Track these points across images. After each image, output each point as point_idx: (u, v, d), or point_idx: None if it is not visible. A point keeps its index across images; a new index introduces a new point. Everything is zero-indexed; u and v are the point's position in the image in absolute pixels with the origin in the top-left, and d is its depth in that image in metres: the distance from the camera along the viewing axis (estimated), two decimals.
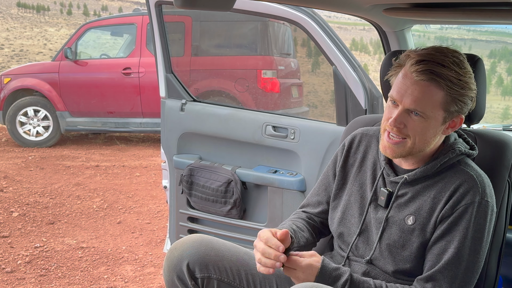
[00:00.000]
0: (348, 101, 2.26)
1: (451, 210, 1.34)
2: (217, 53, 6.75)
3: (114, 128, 7.11)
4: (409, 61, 1.33)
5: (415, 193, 1.41)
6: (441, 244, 1.34)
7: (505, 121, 23.36)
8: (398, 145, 1.36)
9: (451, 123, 1.38)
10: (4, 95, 7.10)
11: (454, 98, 1.31)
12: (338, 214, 1.55)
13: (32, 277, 3.12)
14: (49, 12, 48.20)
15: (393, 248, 1.40)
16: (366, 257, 1.46)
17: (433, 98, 1.30)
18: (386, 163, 1.48)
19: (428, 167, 1.39)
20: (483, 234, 1.33)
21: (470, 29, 41.29)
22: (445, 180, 1.38)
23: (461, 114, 1.37)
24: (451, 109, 1.33)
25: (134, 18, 7.16)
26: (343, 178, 1.58)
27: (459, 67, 1.31)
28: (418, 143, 1.36)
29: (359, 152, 1.57)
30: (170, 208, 2.75)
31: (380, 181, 1.48)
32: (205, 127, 2.60)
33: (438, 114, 1.33)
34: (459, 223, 1.32)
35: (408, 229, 1.39)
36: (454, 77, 1.29)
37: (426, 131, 1.34)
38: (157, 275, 3.18)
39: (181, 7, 1.22)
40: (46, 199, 4.67)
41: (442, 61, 1.29)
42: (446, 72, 1.29)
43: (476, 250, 1.32)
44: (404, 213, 1.41)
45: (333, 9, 1.95)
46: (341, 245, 1.55)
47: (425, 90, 1.30)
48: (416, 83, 1.31)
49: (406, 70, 1.34)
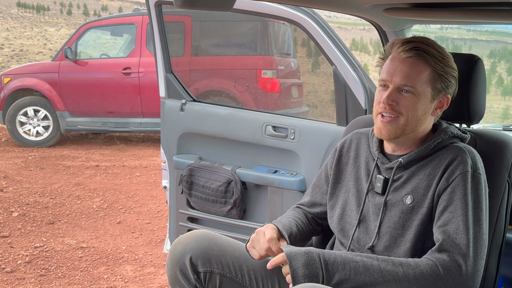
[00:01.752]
0: (348, 101, 2.26)
1: (447, 182, 1.37)
2: (217, 53, 6.76)
3: (114, 128, 7.11)
4: (395, 46, 1.43)
5: (410, 174, 1.44)
6: (446, 216, 1.35)
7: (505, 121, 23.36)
8: (392, 123, 1.41)
9: (439, 104, 1.44)
10: (4, 95, 7.10)
11: (439, 74, 1.40)
12: (337, 211, 1.57)
13: (32, 277, 3.12)
14: (49, 12, 48.21)
15: (393, 230, 1.42)
16: (368, 244, 1.46)
17: (422, 74, 1.39)
18: (380, 152, 1.51)
19: (422, 148, 1.43)
20: (482, 204, 1.36)
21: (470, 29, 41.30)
22: (438, 157, 1.42)
23: (447, 94, 1.44)
24: (437, 86, 1.41)
25: (134, 18, 7.16)
26: (338, 176, 1.61)
27: (441, 48, 1.42)
28: (410, 120, 1.41)
29: (351, 150, 1.61)
30: (170, 208, 2.75)
31: (375, 171, 1.50)
32: (205, 127, 2.60)
33: (427, 91, 1.40)
34: (457, 192, 1.35)
35: (407, 209, 1.41)
36: (439, 55, 1.39)
37: (417, 108, 1.40)
38: (157, 275, 3.18)
39: (181, 7, 1.22)
40: (46, 199, 4.67)
41: (426, 42, 1.41)
42: (430, 49, 1.40)
43: (480, 219, 1.34)
44: (402, 194, 1.43)
45: (333, 9, 1.96)
46: (342, 239, 1.56)
47: (413, 66, 1.39)
48: (404, 61, 1.40)
49: (394, 54, 1.43)
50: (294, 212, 1.67)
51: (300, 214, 1.66)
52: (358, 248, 1.51)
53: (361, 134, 1.63)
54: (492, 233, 1.46)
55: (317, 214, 1.68)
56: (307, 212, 1.69)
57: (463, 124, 1.60)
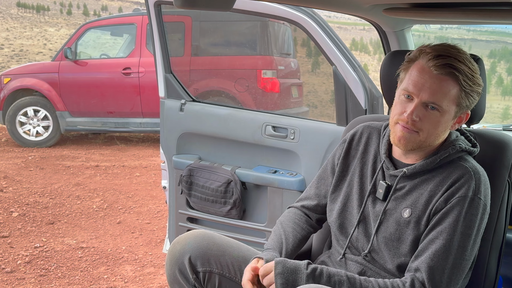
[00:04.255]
0: (348, 101, 2.26)
1: (444, 203, 1.35)
2: (217, 53, 6.75)
3: (114, 128, 7.10)
4: (425, 56, 1.36)
5: (413, 186, 1.42)
6: (431, 235, 1.35)
7: (505, 121, 23.34)
8: (411, 135, 1.37)
9: (459, 119, 1.41)
10: (4, 95, 7.09)
11: (467, 93, 1.36)
12: (338, 205, 1.55)
13: (32, 277, 3.12)
14: (49, 12, 48.17)
15: (389, 241, 1.41)
16: (364, 250, 1.47)
17: (450, 92, 1.34)
18: (387, 156, 1.49)
19: (428, 161, 1.41)
20: (472, 231, 1.34)
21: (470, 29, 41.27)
22: (443, 174, 1.39)
23: (468, 110, 1.41)
24: (463, 104, 1.37)
25: (134, 18, 7.16)
26: (344, 170, 1.58)
27: (471, 63, 1.37)
28: (429, 136, 1.38)
29: (361, 143, 1.58)
30: (170, 209, 2.74)
31: (380, 174, 1.49)
32: (205, 127, 2.60)
33: (452, 109, 1.36)
34: (450, 215, 1.34)
35: (404, 222, 1.40)
36: (469, 72, 1.34)
37: (439, 125, 1.37)
38: (157, 275, 3.18)
39: (181, 7, 1.22)
40: (46, 199, 4.66)
41: (458, 57, 1.34)
42: (462, 67, 1.33)
43: (464, 246, 1.33)
44: (401, 206, 1.42)
45: (333, 9, 1.95)
46: (339, 237, 1.55)
47: (443, 84, 1.34)
48: (434, 77, 1.34)
49: (423, 65, 1.36)
50: (292, 219, 1.65)
51: (299, 219, 1.65)
52: (354, 249, 1.51)
53: (373, 129, 1.59)
54: (492, 233, 1.46)
55: (322, 210, 1.64)
56: (308, 213, 1.66)
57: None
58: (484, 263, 1.47)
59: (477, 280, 1.47)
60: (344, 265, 1.51)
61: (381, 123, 1.59)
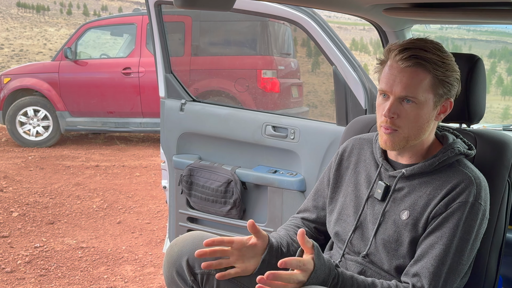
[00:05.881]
0: (348, 101, 2.26)
1: (444, 208, 1.35)
2: (216, 53, 6.75)
3: (114, 128, 7.10)
4: (392, 53, 1.38)
5: (412, 188, 1.42)
6: (430, 239, 1.35)
7: (505, 121, 23.36)
8: (393, 135, 1.38)
9: (442, 108, 1.41)
10: (4, 95, 7.09)
11: (441, 80, 1.35)
12: (334, 215, 1.57)
13: (32, 277, 3.12)
14: (49, 12, 48.17)
15: (388, 243, 1.42)
16: (362, 252, 1.47)
17: (422, 82, 1.34)
18: (384, 159, 1.50)
19: (426, 164, 1.41)
20: (470, 236, 1.34)
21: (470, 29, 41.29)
22: (442, 178, 1.39)
23: (449, 98, 1.40)
24: (439, 92, 1.37)
25: (134, 18, 7.16)
26: (338, 181, 1.60)
27: (440, 51, 1.36)
28: (411, 131, 1.38)
29: (353, 155, 1.60)
30: (170, 208, 2.74)
31: (378, 177, 1.50)
32: (205, 127, 2.60)
33: (429, 98, 1.36)
34: (450, 220, 1.34)
35: (402, 224, 1.40)
36: (438, 60, 1.35)
37: (419, 118, 1.37)
38: (157, 275, 3.18)
39: (181, 7, 1.22)
40: (46, 199, 4.67)
41: (424, 47, 1.35)
42: (429, 55, 1.34)
43: (462, 251, 1.34)
44: (400, 207, 1.42)
45: (333, 9, 1.95)
46: (337, 243, 1.57)
47: (413, 76, 1.34)
48: (403, 70, 1.35)
49: (391, 61, 1.38)
50: (296, 225, 1.65)
51: (299, 225, 1.65)
52: (352, 252, 1.51)
53: (364, 140, 1.61)
54: (492, 233, 1.46)
55: (321, 221, 1.65)
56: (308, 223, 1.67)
57: (463, 124, 1.61)
58: (484, 263, 1.47)
59: (477, 280, 1.47)
60: (344, 266, 1.52)
61: (371, 134, 1.61)
